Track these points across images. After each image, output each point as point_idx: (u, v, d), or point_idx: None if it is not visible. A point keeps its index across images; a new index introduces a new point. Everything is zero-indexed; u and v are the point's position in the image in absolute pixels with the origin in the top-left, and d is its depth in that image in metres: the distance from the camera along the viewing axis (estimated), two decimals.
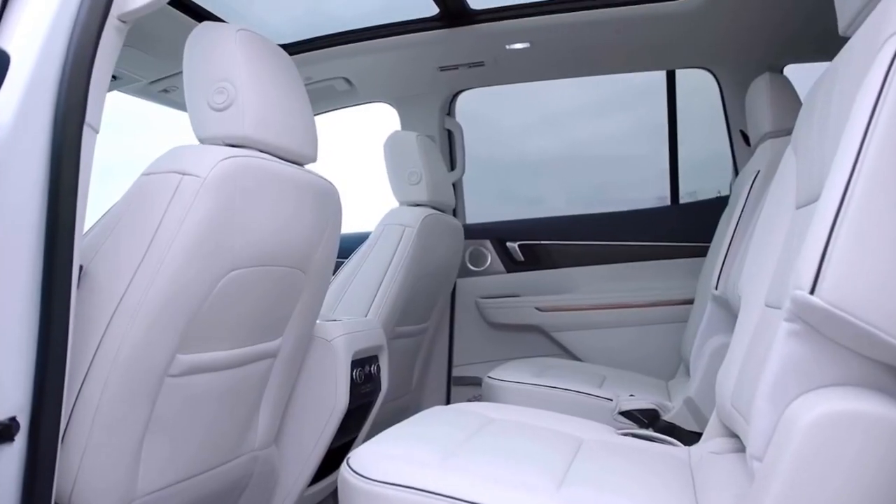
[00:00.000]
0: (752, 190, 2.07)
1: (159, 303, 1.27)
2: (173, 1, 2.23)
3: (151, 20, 2.20)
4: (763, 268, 1.37)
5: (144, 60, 2.45)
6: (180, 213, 1.28)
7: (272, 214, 1.45)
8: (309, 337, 1.81)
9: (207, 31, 1.47)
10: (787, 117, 2.07)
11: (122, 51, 2.32)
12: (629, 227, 3.00)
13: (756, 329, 1.28)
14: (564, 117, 3.76)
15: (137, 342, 1.27)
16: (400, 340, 2.53)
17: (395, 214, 2.47)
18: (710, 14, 2.37)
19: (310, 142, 1.61)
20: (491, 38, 2.60)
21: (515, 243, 3.06)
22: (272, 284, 1.55)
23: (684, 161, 2.99)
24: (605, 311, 2.89)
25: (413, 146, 2.55)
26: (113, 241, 1.29)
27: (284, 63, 1.57)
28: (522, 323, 2.98)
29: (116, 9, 1.19)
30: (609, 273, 2.97)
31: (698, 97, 2.97)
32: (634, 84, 3.37)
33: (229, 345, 1.50)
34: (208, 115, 1.43)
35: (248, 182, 1.37)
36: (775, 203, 1.43)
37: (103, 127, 1.22)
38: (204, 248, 1.31)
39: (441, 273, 2.70)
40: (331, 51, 2.72)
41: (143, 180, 1.32)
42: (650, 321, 2.83)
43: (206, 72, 1.44)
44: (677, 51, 2.70)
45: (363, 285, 2.35)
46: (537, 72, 2.90)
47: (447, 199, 2.70)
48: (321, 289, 1.76)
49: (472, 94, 3.20)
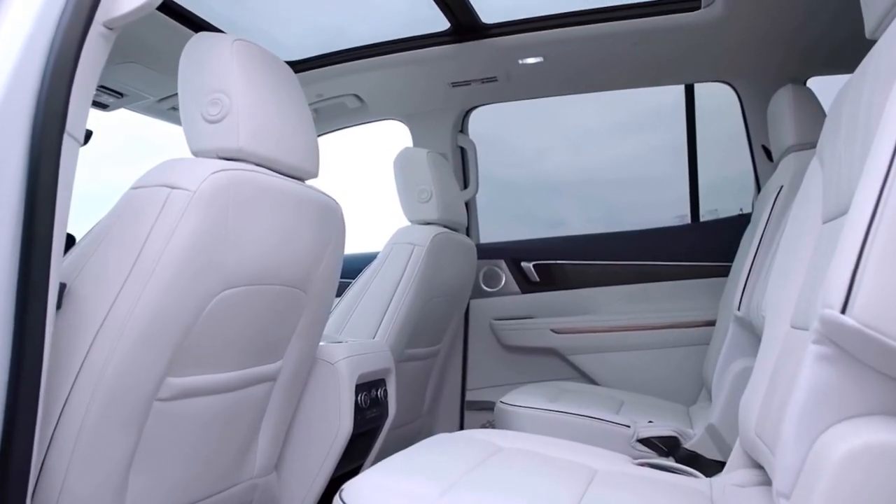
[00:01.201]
0: (776, 206, 1.98)
1: (145, 322, 1.21)
2: (179, 17, 2.20)
3: (157, 36, 2.19)
4: (788, 287, 1.29)
5: (151, 77, 2.42)
6: (168, 228, 1.22)
7: (268, 231, 1.39)
8: (311, 359, 1.75)
9: (203, 40, 1.42)
10: (812, 130, 1.99)
11: (128, 67, 2.34)
12: (648, 246, 2.91)
13: (781, 352, 1.20)
14: (584, 139, 3.72)
15: (122, 364, 1.20)
16: (410, 363, 2.46)
17: (404, 233, 2.41)
18: (729, 25, 2.30)
19: (310, 156, 1.55)
20: (503, 52, 2.55)
21: (530, 263, 2.99)
22: (269, 304, 1.48)
23: (705, 178, 2.91)
24: (624, 333, 2.80)
25: (423, 163, 2.49)
26: (98, 258, 1.23)
27: (284, 75, 1.52)
28: (538, 345, 2.90)
29: (102, 15, 1.14)
30: (627, 294, 2.89)
31: (718, 112, 2.89)
32: (654, 104, 3.33)
33: (224, 367, 1.44)
34: (202, 127, 1.38)
35: (241, 196, 1.31)
36: (800, 218, 1.35)
37: (116, 148, 1.18)
38: (193, 266, 1.25)
39: (453, 293, 2.63)
40: (341, 67, 2.69)
41: (131, 194, 1.26)
42: (670, 344, 2.74)
43: (201, 82, 1.39)
44: (696, 64, 2.64)
45: (371, 306, 2.29)
46: (551, 87, 2.84)
47: (459, 218, 2.63)
48: (323, 309, 1.70)
49: (491, 116, 3.17)
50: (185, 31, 2.21)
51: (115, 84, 2.39)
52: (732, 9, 2.20)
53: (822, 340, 0.85)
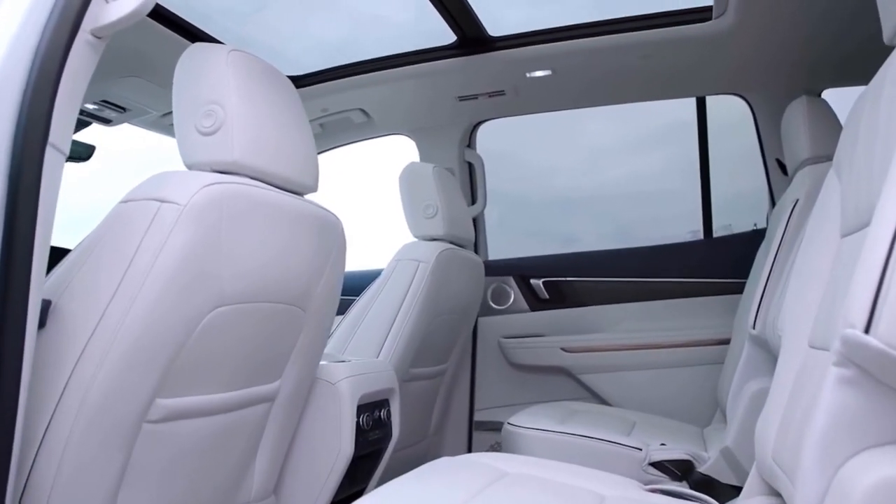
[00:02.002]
0: (791, 220, 1.92)
1: (133, 341, 1.16)
2: (183, 31, 2.18)
3: (161, 50, 2.17)
4: (805, 304, 1.23)
5: (155, 92, 2.39)
6: (157, 243, 1.17)
7: (263, 246, 1.35)
8: (311, 379, 1.70)
9: (198, 51, 1.39)
10: (827, 142, 1.94)
11: (131, 81, 2.31)
12: (660, 262, 2.85)
13: (799, 373, 1.14)
14: (596, 154, 3.69)
15: (108, 385, 1.16)
16: (415, 383, 2.40)
17: (408, 249, 2.36)
18: (740, 36, 2.25)
19: (309, 170, 1.51)
20: (511, 65, 2.51)
21: (540, 280, 2.93)
22: (266, 322, 1.43)
23: (718, 193, 2.85)
24: (635, 351, 2.73)
25: (429, 178, 2.45)
26: (84, 274, 1.19)
27: (282, 87, 1.48)
28: (547, 364, 2.84)
29: (89, 23, 1.11)
30: (639, 311, 2.83)
31: (730, 126, 2.84)
32: (666, 120, 3.27)
33: (218, 388, 1.39)
34: (195, 139, 1.34)
35: (234, 210, 1.26)
36: (817, 232, 1.29)
37: (128, 165, 1.14)
38: (184, 282, 1.20)
39: (460, 311, 2.57)
40: (346, 81, 2.66)
41: (120, 208, 1.22)
42: (683, 363, 2.66)
43: (195, 94, 1.35)
44: (707, 76, 2.59)
45: (374, 324, 2.24)
46: (560, 101, 2.79)
47: (465, 234, 2.58)
48: (323, 328, 1.65)
49: (502, 132, 3.14)
50: (187, 45, 2.18)
51: (118, 99, 2.37)
52: (744, 19, 2.15)
53: (843, 362, 0.79)
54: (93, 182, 2.73)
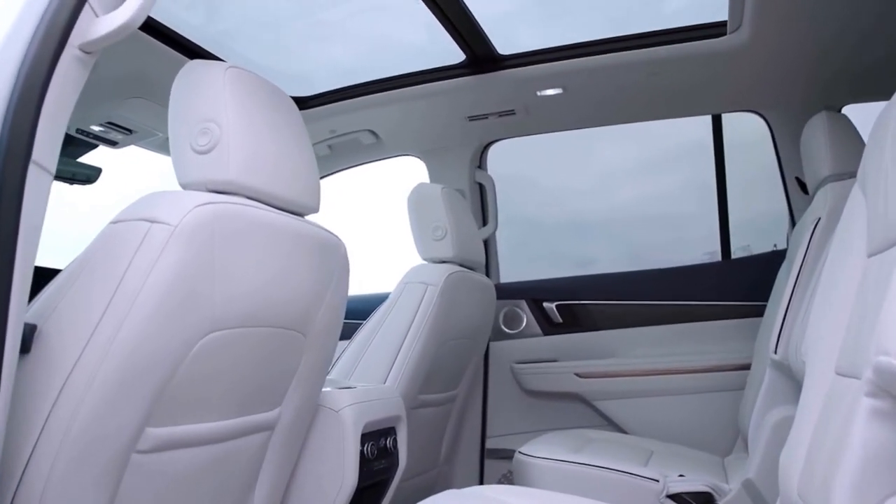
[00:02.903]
0: (813, 239, 1.85)
1: (120, 367, 1.11)
2: (188, 51, 2.16)
3: (165, 71, 2.13)
4: (830, 328, 1.16)
5: (161, 114, 2.36)
6: (146, 264, 1.13)
7: (260, 268, 1.30)
8: (313, 406, 1.64)
9: (195, 68, 1.35)
10: (850, 159, 1.87)
11: (136, 103, 2.28)
12: (677, 284, 2.78)
13: (826, 402, 1.07)
14: (611, 176, 3.63)
15: (94, 413, 1.10)
16: (424, 410, 2.34)
17: (416, 272, 2.31)
18: (756, 51, 2.19)
19: (310, 190, 1.46)
20: (521, 84, 2.47)
21: (553, 303, 2.86)
22: (264, 348, 1.38)
23: (736, 213, 2.78)
24: (652, 377, 2.65)
25: (437, 199, 2.40)
26: (71, 298, 1.14)
27: (282, 105, 1.44)
28: (561, 390, 2.76)
29: (78, 37, 1.07)
30: (655, 335, 2.75)
31: (747, 144, 2.77)
32: (682, 140, 3.23)
33: (213, 416, 1.33)
34: (190, 158, 1.29)
35: (228, 231, 1.22)
36: (842, 251, 1.23)
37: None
38: (175, 305, 1.15)
39: (470, 335, 2.51)
40: (354, 102, 2.63)
41: (109, 229, 1.18)
42: (702, 389, 2.58)
43: (191, 111, 1.31)
44: (723, 93, 2.53)
45: (381, 349, 2.18)
46: (571, 120, 2.75)
47: (475, 256, 2.52)
48: (325, 353, 1.60)
49: (518, 154, 3.11)
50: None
51: (124, 121, 2.34)
52: (760, 34, 2.09)
53: (876, 393, 0.72)
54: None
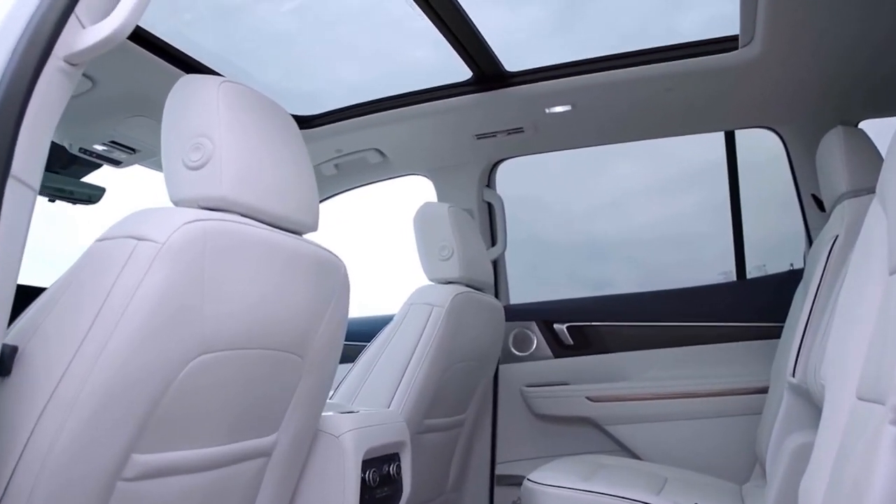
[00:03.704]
0: (831, 258, 1.78)
1: (103, 390, 1.06)
2: (193, 70, 2.14)
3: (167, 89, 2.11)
4: (851, 350, 1.10)
5: None
6: (132, 284, 1.08)
7: (252, 288, 1.25)
8: (312, 432, 1.59)
9: (189, 82, 1.32)
10: (867, 174, 1.81)
11: (139, 121, 2.26)
12: (691, 305, 2.71)
13: (847, 428, 1.01)
14: (625, 198, 3.59)
15: (75, 439, 1.05)
16: (431, 435, 2.27)
17: (422, 293, 2.25)
18: (769, 66, 2.14)
19: (307, 208, 1.42)
20: (529, 101, 2.43)
21: (564, 325, 2.80)
22: (259, 371, 1.33)
23: (750, 232, 2.71)
24: (666, 401, 2.57)
25: (444, 218, 2.35)
26: (54, 318, 1.09)
27: (279, 120, 1.40)
28: (572, 414, 2.69)
29: (63, 49, 1.04)
30: (669, 358, 2.67)
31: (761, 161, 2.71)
32: (695, 161, 3.20)
33: (205, 441, 1.28)
34: (182, 174, 1.26)
35: (219, 249, 1.17)
36: (862, 270, 1.17)
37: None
38: (161, 326, 1.10)
39: (478, 358, 2.44)
40: (361, 120, 2.60)
41: (95, 247, 1.14)
42: (718, 413, 2.50)
43: (183, 126, 1.28)
44: (735, 109, 2.48)
45: (385, 372, 2.12)
46: (581, 137, 2.70)
47: (483, 276, 2.47)
48: (325, 376, 1.55)
49: (533, 176, 3.10)
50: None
51: (127, 140, 2.32)
52: (772, 48, 2.04)
53: None
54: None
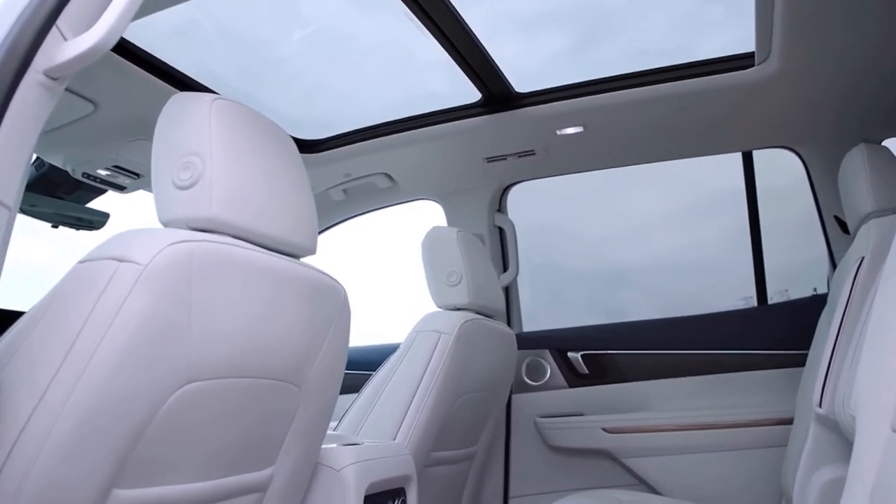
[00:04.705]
0: (858, 281, 1.70)
1: (80, 422, 1.00)
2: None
3: None
4: (883, 378, 1.03)
5: None
6: (112, 307, 1.02)
7: (242, 313, 1.19)
8: (311, 465, 1.52)
9: (180, 100, 1.27)
10: (893, 193, 1.73)
11: (142, 145, 2.23)
12: (710, 332, 2.62)
13: (882, 463, 0.94)
14: (641, 225, 3.52)
15: (49, 475, 0.99)
16: (439, 468, 2.18)
17: (429, 320, 2.18)
18: (787, 83, 2.07)
19: (304, 230, 1.36)
20: (540, 123, 2.38)
21: (578, 353, 2.71)
22: (251, 401, 1.26)
23: (772, 256, 2.63)
24: (686, 432, 2.47)
25: (453, 243, 2.28)
26: (30, 344, 1.04)
27: (276, 139, 1.35)
28: (588, 447, 2.59)
29: (43, 62, 1.00)
30: (689, 387, 2.57)
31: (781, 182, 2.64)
32: (715, 186, 3.12)
33: (193, 476, 1.21)
34: (171, 194, 1.21)
35: (206, 272, 1.11)
36: (892, 293, 1.09)
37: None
38: (143, 354, 1.04)
39: (489, 388, 2.36)
40: (368, 144, 2.56)
41: (76, 269, 1.08)
42: (741, 445, 2.39)
43: (173, 144, 1.23)
44: (752, 128, 2.41)
45: (391, 402, 2.04)
46: (593, 159, 2.64)
47: (494, 304, 2.39)
48: (324, 406, 1.48)
49: (550, 204, 3.06)
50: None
51: (130, 164, 2.29)
52: (789, 64, 1.98)
53: None
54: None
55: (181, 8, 1.86)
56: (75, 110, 2.02)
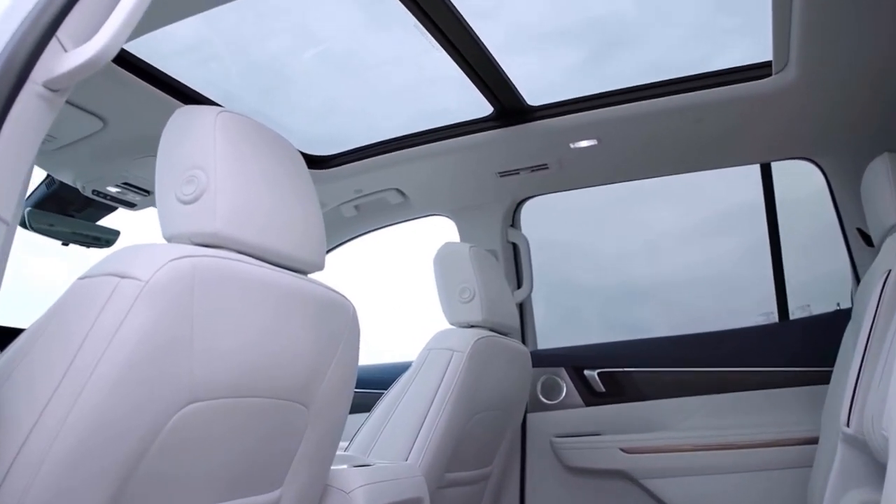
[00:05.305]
0: (884, 295, 1.64)
1: (77, 445, 0.96)
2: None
3: None
4: None
5: None
6: (111, 325, 0.99)
7: (246, 329, 1.15)
8: (320, 487, 1.48)
9: (185, 113, 1.25)
10: None
11: (151, 161, 2.16)
12: (731, 349, 2.55)
13: None
14: (664, 240, 3.49)
15: (50, 489, 0.95)
16: (453, 490, 2.13)
17: (441, 337, 2.14)
18: (806, 92, 2.02)
19: (311, 245, 1.33)
20: (553, 136, 2.34)
21: (595, 371, 2.65)
22: (256, 421, 1.23)
23: (793, 271, 2.56)
24: (707, 452, 2.40)
25: (465, 258, 2.24)
26: (28, 363, 1.01)
27: (282, 153, 1.33)
28: (606, 467, 2.53)
29: (42, 73, 0.97)
30: (709, 406, 2.50)
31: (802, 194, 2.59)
32: (733, 200, 3.10)
33: (197, 499, 1.17)
34: (175, 208, 1.18)
35: (209, 289, 1.08)
36: None
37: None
38: (144, 370, 1.01)
39: (504, 407, 2.31)
40: (380, 159, 2.54)
41: (76, 286, 1.05)
42: (764, 466, 2.32)
43: (177, 158, 1.20)
44: (771, 139, 2.36)
45: (403, 422, 1.99)
46: (608, 173, 2.59)
47: (508, 320, 2.34)
48: (333, 427, 1.44)
49: (567, 219, 3.06)
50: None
51: (140, 181, 2.27)
52: (808, 73, 1.93)
53: None
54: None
55: (192, 25, 1.85)
56: (84, 127, 2.01)
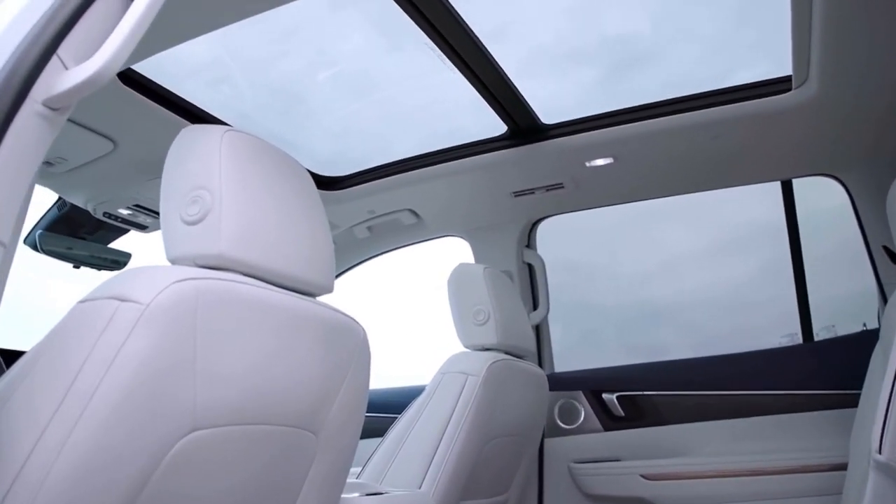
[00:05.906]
0: None
1: (73, 476, 0.93)
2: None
3: None
4: None
5: None
6: (111, 350, 0.96)
7: (253, 356, 1.11)
8: None
9: (191, 132, 1.23)
10: None
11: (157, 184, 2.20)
12: (754, 371, 2.48)
13: None
14: (683, 260, 3.43)
15: None
16: None
17: (455, 361, 2.09)
18: (828, 107, 1.97)
19: (320, 267, 1.29)
20: (568, 154, 2.31)
21: (613, 395, 2.59)
22: (263, 449, 1.18)
23: (816, 290, 2.50)
24: (730, 479, 2.32)
25: (479, 280, 2.20)
26: (25, 389, 0.97)
27: (291, 173, 1.29)
28: (626, 495, 2.45)
29: (42, 91, 0.95)
30: (732, 430, 2.43)
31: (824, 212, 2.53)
32: (755, 218, 3.04)
33: None
34: (179, 229, 1.15)
35: (212, 312, 1.04)
36: None
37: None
38: (143, 400, 0.97)
39: (520, 432, 2.25)
40: (393, 179, 2.51)
41: (75, 309, 1.02)
42: (790, 493, 2.24)
43: (182, 178, 1.18)
44: (791, 156, 2.31)
45: (416, 448, 1.95)
46: (625, 192, 2.55)
47: (523, 343, 2.29)
48: (343, 454, 1.39)
49: (583, 239, 3.02)
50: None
51: (151, 203, 2.26)
52: (830, 87, 1.88)
53: None
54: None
55: (206, 46, 1.84)
56: (95, 149, 2.00)
